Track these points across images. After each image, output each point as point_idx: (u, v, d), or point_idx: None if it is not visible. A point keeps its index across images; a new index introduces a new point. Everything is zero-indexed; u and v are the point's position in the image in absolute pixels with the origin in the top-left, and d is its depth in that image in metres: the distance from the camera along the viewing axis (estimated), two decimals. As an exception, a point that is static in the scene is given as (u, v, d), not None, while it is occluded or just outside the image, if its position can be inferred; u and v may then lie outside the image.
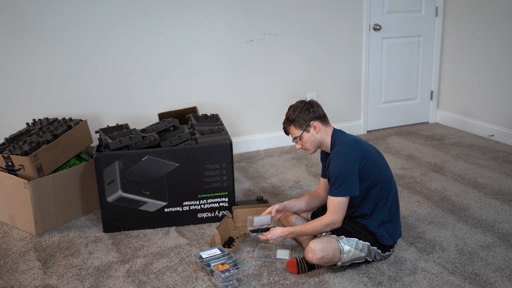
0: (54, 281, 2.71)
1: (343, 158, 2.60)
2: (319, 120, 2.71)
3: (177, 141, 3.23)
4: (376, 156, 2.71)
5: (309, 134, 2.71)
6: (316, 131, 2.70)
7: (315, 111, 2.71)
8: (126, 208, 3.19)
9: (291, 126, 2.74)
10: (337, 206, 2.61)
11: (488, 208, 3.38)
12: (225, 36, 4.41)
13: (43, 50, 3.87)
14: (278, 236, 2.72)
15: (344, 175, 2.57)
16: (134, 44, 4.13)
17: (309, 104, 2.72)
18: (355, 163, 2.58)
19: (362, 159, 2.60)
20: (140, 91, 4.25)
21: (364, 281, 2.61)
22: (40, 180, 3.17)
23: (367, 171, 2.62)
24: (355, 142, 2.68)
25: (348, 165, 2.58)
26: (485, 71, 4.82)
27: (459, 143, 4.73)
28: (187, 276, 2.71)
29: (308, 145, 2.74)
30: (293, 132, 2.74)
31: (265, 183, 3.96)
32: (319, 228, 2.65)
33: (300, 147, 2.77)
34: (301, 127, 2.70)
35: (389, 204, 2.71)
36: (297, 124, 2.71)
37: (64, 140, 3.36)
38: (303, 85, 4.79)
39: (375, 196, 2.68)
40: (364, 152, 2.64)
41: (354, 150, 2.61)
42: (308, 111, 2.69)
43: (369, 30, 4.92)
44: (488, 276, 2.62)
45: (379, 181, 2.67)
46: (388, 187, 2.71)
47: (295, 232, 2.72)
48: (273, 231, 2.73)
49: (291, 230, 2.72)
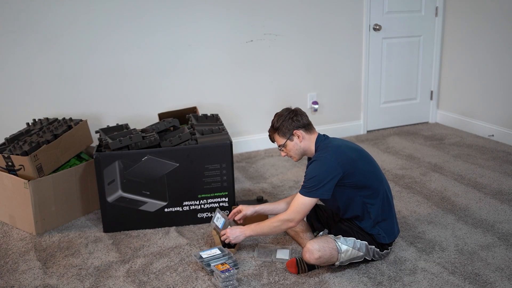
0: (54, 281, 2.71)
1: (322, 162, 2.61)
2: (302, 129, 2.72)
3: (177, 141, 3.23)
4: (359, 161, 2.67)
5: (292, 143, 2.73)
6: (299, 139, 2.72)
7: (299, 120, 2.72)
8: (126, 208, 3.19)
9: (275, 134, 2.77)
10: (300, 205, 2.61)
11: (488, 208, 3.38)
12: (225, 36, 4.41)
13: (43, 50, 3.87)
14: (237, 235, 2.79)
15: (318, 179, 2.57)
16: (134, 44, 4.13)
17: (294, 112, 2.74)
18: (332, 168, 2.57)
19: (342, 165, 2.59)
20: (140, 91, 4.25)
21: (364, 281, 2.61)
22: (40, 180, 3.17)
23: (349, 176, 2.61)
24: (337, 148, 2.67)
25: (325, 170, 2.58)
26: (485, 71, 4.82)
27: (459, 143, 4.73)
28: (187, 276, 2.71)
29: (292, 153, 2.77)
30: (277, 140, 2.78)
31: (265, 183, 3.96)
32: (276, 224, 2.67)
33: (285, 155, 2.80)
34: (284, 135, 2.72)
35: (379, 203, 2.69)
36: (281, 132, 2.73)
37: (64, 140, 3.36)
38: (303, 85, 4.79)
39: (363, 199, 2.67)
40: (345, 159, 2.62)
41: (333, 156, 2.60)
42: (292, 119, 2.71)
43: (369, 30, 4.92)
44: (488, 276, 2.62)
45: (365, 184, 2.66)
46: (375, 187, 2.69)
47: (255, 230, 2.76)
48: (233, 230, 2.80)
49: (250, 228, 2.77)
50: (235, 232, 2.80)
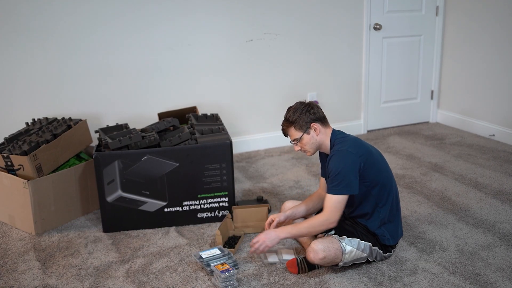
0: (53, 281, 2.71)
1: (343, 156, 2.59)
2: (319, 122, 2.70)
3: (177, 140, 3.23)
4: (376, 155, 2.71)
5: (309, 136, 2.69)
6: (316, 133, 2.69)
7: (315, 113, 2.69)
8: (125, 208, 3.19)
9: (291, 128, 2.71)
10: (334, 204, 2.58)
11: (488, 208, 3.38)
12: (225, 36, 4.41)
13: (43, 49, 3.87)
14: (274, 239, 2.64)
15: (344, 173, 2.55)
16: (134, 43, 4.12)
17: (309, 105, 2.71)
18: (355, 161, 2.57)
19: (362, 157, 2.59)
20: (140, 91, 4.24)
21: (365, 281, 2.61)
22: (40, 180, 3.17)
23: (367, 170, 2.61)
24: (355, 141, 2.68)
25: (349, 163, 2.56)
26: (486, 71, 4.82)
27: (459, 143, 4.73)
28: (187, 276, 2.71)
29: (307, 147, 2.72)
30: (292, 134, 2.72)
31: (265, 183, 3.96)
32: (315, 226, 2.60)
33: (299, 149, 2.75)
34: (301, 129, 2.69)
35: (389, 204, 2.71)
36: (297, 126, 2.69)
37: (64, 140, 3.35)
38: (303, 85, 4.79)
39: (375, 196, 2.67)
40: (365, 151, 2.63)
41: (354, 149, 2.61)
42: (309, 112, 2.68)
43: (369, 30, 4.92)
44: (489, 276, 2.62)
45: (379, 181, 2.66)
46: (389, 187, 2.71)
47: (291, 233, 2.65)
48: (268, 234, 2.65)
49: (286, 230, 2.65)
50: (271, 236, 2.64)
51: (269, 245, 2.64)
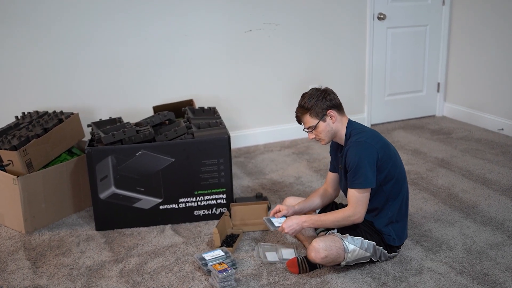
0: (44, 281, 2.71)
1: (362, 147, 2.58)
2: (335, 109, 2.68)
3: (173, 135, 3.23)
4: (393, 149, 2.72)
5: (325, 124, 2.67)
6: (333, 120, 2.67)
7: (332, 99, 2.67)
8: (119, 205, 3.19)
9: (306, 115, 2.68)
10: (359, 198, 2.58)
11: (497, 205, 3.37)
12: (223, 26, 4.39)
13: (33, 40, 3.85)
14: (295, 225, 2.65)
15: (363, 167, 2.55)
16: (128, 34, 4.11)
17: (325, 91, 2.69)
18: (374, 153, 2.57)
19: (380, 149, 2.60)
20: (135, 83, 4.23)
21: (368, 282, 2.60)
22: (30, 176, 3.16)
23: (384, 163, 2.61)
24: (373, 132, 2.68)
25: (368, 154, 2.57)
26: (495, 62, 4.80)
27: (467, 137, 4.72)
28: (183, 276, 2.71)
29: (322, 135, 2.70)
30: (307, 121, 2.69)
31: (264, 179, 3.95)
32: (340, 220, 2.61)
33: (314, 137, 2.73)
34: (317, 116, 2.66)
35: (399, 202, 2.70)
36: (313, 112, 2.66)
37: (55, 134, 3.35)
38: (304, 77, 4.77)
39: (387, 192, 2.67)
40: (383, 143, 2.64)
41: (373, 140, 2.61)
42: (325, 99, 2.66)
43: (373, 20, 4.90)
44: (498, 276, 2.61)
45: (394, 175, 2.66)
46: (401, 183, 2.71)
47: (313, 221, 2.66)
48: (289, 221, 2.67)
49: (308, 218, 2.66)
50: (292, 223, 2.66)
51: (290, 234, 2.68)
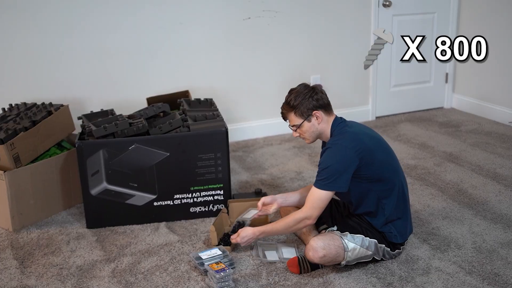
0: (32, 282, 2.71)
1: (337, 150, 2.59)
2: (322, 109, 2.68)
3: (168, 128, 3.23)
4: (377, 151, 2.67)
5: (309, 124, 2.68)
6: (318, 121, 2.68)
7: (319, 99, 2.67)
8: (111, 202, 3.19)
9: (291, 113, 2.70)
10: (316, 200, 2.59)
11: (508, 202, 3.37)
12: (220, 13, 4.38)
13: (20, 27, 3.84)
14: (249, 238, 2.76)
15: (334, 169, 2.55)
16: (120, 22, 4.10)
17: (313, 90, 2.69)
18: (350, 157, 2.56)
19: (358, 154, 2.57)
20: (128, 74, 4.23)
21: (373, 282, 2.60)
22: (17, 171, 3.16)
23: (365, 167, 2.59)
24: (354, 135, 2.65)
25: (341, 158, 2.56)
26: (505, 52, 4.79)
27: (476, 130, 4.71)
28: (178, 276, 2.71)
29: (307, 135, 2.72)
30: (292, 119, 2.71)
31: (264, 174, 3.94)
32: (292, 224, 2.66)
33: (298, 136, 2.76)
34: (302, 115, 2.67)
35: (393, 199, 2.68)
36: (298, 112, 2.67)
37: (44, 127, 3.34)
38: (305, 67, 4.77)
39: (378, 192, 2.66)
40: (362, 147, 2.60)
41: (351, 143, 2.59)
42: (312, 98, 2.66)
43: (378, 6, 4.89)
44: (509, 276, 2.61)
45: (381, 177, 2.64)
46: (392, 181, 2.68)
47: (267, 232, 2.75)
48: (243, 232, 2.77)
49: (262, 230, 2.75)
50: (246, 234, 2.76)
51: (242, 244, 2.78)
